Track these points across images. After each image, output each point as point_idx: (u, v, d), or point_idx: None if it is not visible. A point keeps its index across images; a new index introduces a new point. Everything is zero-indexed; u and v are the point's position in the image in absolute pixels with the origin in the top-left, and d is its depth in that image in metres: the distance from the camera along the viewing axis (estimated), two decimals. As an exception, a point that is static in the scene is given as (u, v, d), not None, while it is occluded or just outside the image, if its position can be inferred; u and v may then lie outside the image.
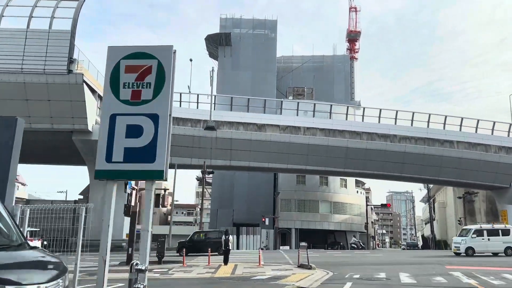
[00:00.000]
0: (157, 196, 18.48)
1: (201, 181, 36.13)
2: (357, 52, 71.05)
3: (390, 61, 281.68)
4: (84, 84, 25.80)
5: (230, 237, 17.92)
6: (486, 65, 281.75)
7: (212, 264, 18.06)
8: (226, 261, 17.67)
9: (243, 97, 43.47)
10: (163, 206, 18.06)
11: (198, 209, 51.84)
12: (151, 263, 18.64)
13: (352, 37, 70.75)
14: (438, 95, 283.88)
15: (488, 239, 25.29)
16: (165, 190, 18.18)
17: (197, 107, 39.43)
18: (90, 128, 27.09)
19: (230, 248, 17.81)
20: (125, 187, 17.09)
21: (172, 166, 36.54)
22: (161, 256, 18.29)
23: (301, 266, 16.83)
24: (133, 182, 17.77)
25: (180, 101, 39.52)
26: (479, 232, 25.58)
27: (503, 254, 25.12)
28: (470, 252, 24.77)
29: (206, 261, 18.58)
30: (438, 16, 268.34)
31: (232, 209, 51.22)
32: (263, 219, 41.85)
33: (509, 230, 25.83)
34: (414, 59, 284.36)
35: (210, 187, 54.96)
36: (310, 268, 15.88)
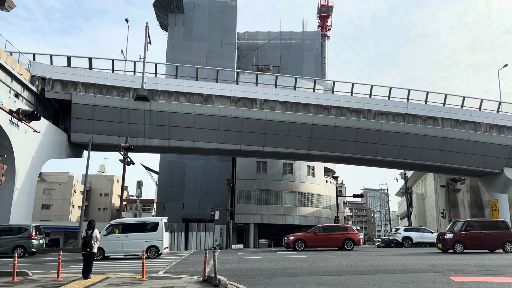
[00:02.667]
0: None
1: (126, 163, 28.55)
2: (329, 29, 64.51)
3: (365, 61, 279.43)
4: None
5: (96, 233, 10.69)
6: (457, 67, 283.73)
7: (67, 276, 10.85)
8: (86, 273, 10.47)
9: (189, 66, 36.17)
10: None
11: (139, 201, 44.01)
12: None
13: (324, 13, 64.08)
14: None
15: None
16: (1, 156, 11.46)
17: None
18: None
19: (95, 250, 10.61)
20: None
21: (84, 145, 28.84)
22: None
23: (207, 280, 9.82)
24: None
25: (113, 70, 31.90)
26: None
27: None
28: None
29: (66, 271, 11.35)
30: (411, 19, 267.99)
31: (182, 202, 43.84)
32: (212, 213, 34.66)
33: None
34: (387, 60, 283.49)
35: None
36: (217, 285, 8.89)
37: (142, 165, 46.96)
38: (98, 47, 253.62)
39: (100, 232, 11.99)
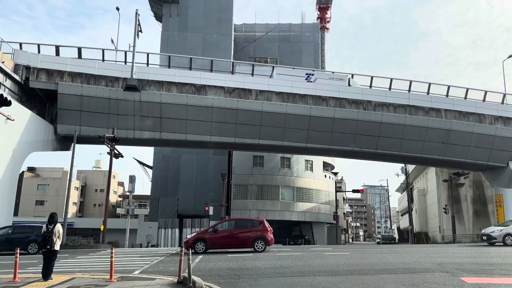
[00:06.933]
0: None
1: (114, 155, 27.30)
2: (328, 22, 63.08)
3: (366, 59, 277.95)
4: None
5: (58, 227, 9.42)
6: (458, 65, 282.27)
7: (27, 276, 9.59)
8: (46, 274, 9.20)
9: (183, 56, 34.90)
10: None
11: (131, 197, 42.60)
12: None
13: (323, 4, 62.65)
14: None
15: None
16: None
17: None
18: None
19: (57, 248, 9.35)
20: None
21: (69, 137, 27.54)
22: None
23: (182, 281, 8.57)
24: None
25: (103, 60, 30.55)
26: None
27: None
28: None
29: (31, 271, 10.09)
30: (412, 16, 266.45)
31: (177, 198, 42.56)
32: (206, 208, 33.42)
33: None
34: (388, 58, 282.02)
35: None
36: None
37: (135, 159, 45.57)
38: (99, 44, 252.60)
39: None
